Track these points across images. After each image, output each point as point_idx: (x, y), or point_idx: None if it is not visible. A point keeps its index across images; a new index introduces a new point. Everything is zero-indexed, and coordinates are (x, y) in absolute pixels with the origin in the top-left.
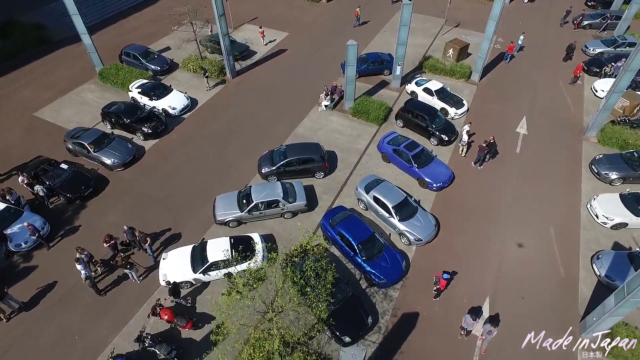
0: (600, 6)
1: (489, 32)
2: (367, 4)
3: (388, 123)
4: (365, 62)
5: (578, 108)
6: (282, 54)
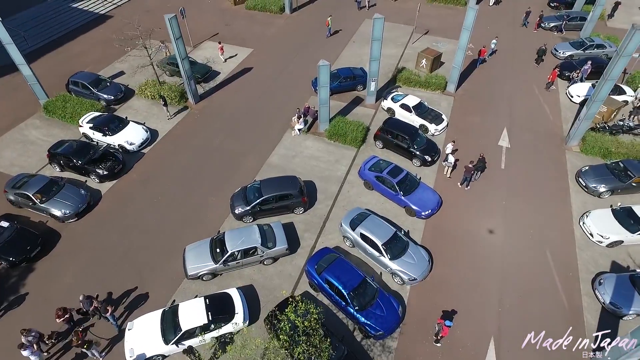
0: (563, 7)
1: (463, 43)
2: (334, 11)
3: (367, 144)
4: (337, 79)
5: (556, 115)
6: (248, 73)
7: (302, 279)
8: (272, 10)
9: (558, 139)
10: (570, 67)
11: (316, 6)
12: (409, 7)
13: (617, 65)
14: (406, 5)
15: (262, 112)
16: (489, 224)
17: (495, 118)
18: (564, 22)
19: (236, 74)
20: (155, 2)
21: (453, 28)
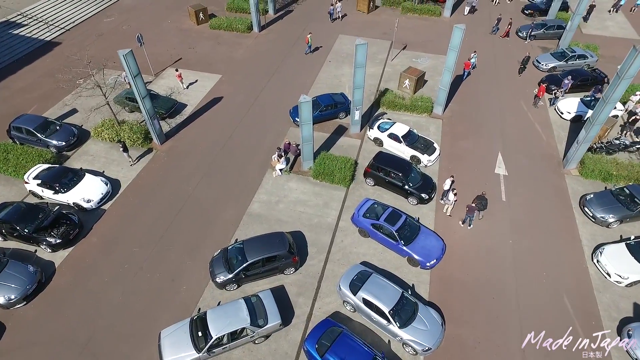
0: (537, 14)
1: (450, 63)
2: (305, 26)
3: (356, 182)
4: (317, 108)
5: (549, 135)
6: (218, 103)
7: (300, 357)
8: (239, 29)
9: (555, 161)
10: (555, 81)
11: (286, 22)
12: (382, 19)
13: (619, 87)
14: (380, 17)
15: (238, 150)
16: (499, 268)
17: (488, 142)
18: (531, 30)
19: (205, 105)
20: (109, 25)
21: (431, 41)
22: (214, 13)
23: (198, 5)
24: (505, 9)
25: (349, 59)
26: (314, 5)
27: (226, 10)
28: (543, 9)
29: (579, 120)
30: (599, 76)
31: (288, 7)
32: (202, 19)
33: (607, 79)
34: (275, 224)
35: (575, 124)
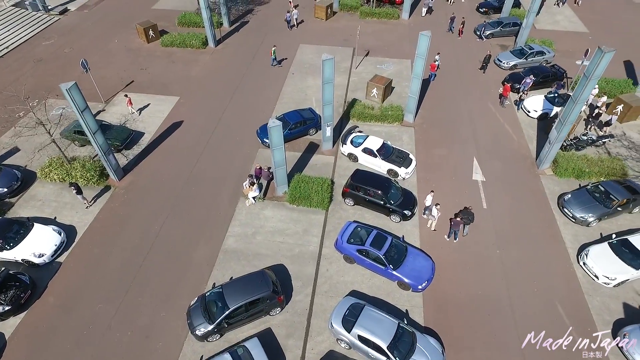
0: (491, 12)
1: (418, 71)
2: (263, 36)
3: (335, 203)
4: (286, 126)
5: (519, 135)
6: (178, 128)
7: None
8: (194, 45)
9: (528, 162)
10: (518, 79)
11: (243, 34)
12: (341, 25)
13: (587, 87)
14: (339, 23)
15: (205, 179)
16: (491, 282)
17: (462, 147)
18: (483, 29)
19: (164, 131)
20: (49, 49)
21: (393, 45)
22: (164, 29)
23: (147, 22)
24: (461, 7)
25: (312, 69)
26: (269, 14)
27: (177, 25)
28: (497, 6)
29: (545, 117)
30: (558, 72)
31: (243, 18)
32: (152, 36)
33: (566, 74)
34: (254, 259)
35: (542, 122)
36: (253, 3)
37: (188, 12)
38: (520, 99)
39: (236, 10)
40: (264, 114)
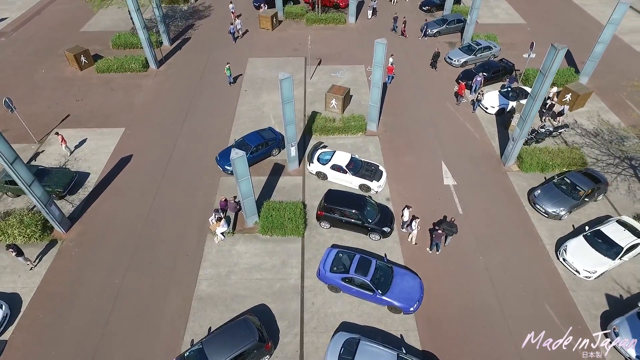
0: (434, 9)
1: (377, 80)
2: (208, 52)
3: (310, 227)
4: (247, 150)
5: (481, 132)
6: (128, 164)
7: None
8: (134, 69)
9: (494, 160)
10: (471, 76)
11: (186, 52)
12: (289, 34)
13: (544, 84)
14: (286, 32)
15: (166, 218)
16: (479, 292)
17: (428, 152)
18: (426, 28)
19: (112, 169)
20: None
21: (344, 51)
22: (98, 54)
23: (77, 47)
24: (404, 7)
25: (265, 84)
26: (211, 27)
27: (112, 47)
28: (438, 3)
29: (502, 112)
30: (507, 65)
31: (184, 35)
32: (85, 62)
33: (514, 66)
34: (232, 303)
35: (500, 117)
36: (192, 17)
37: (122, 33)
38: (477, 100)
39: (175, 27)
40: (220, 138)
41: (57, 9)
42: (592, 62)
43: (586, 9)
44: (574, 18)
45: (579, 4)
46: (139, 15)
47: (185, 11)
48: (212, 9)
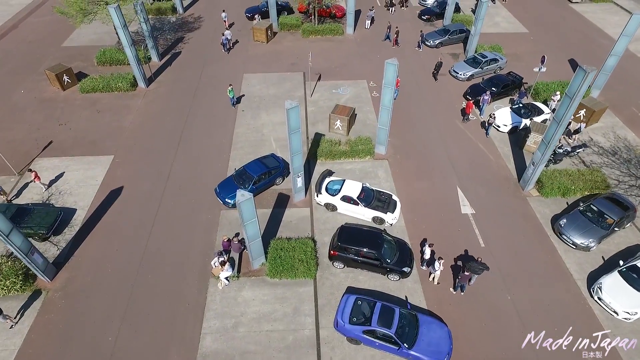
0: (434, 18)
1: (387, 102)
2: (200, 68)
3: (322, 266)
4: (249, 181)
5: (494, 153)
6: (118, 198)
7: None
8: (121, 88)
9: (512, 184)
10: (479, 91)
11: (177, 69)
12: (285, 47)
13: (570, 108)
14: (282, 45)
15: (163, 260)
16: (512, 338)
17: (442, 176)
18: (421, 39)
19: (101, 204)
20: None
21: (344, 65)
22: (82, 71)
23: (59, 66)
24: (402, 16)
25: (264, 103)
26: (202, 41)
27: (97, 64)
28: (438, 12)
29: (515, 130)
30: (516, 79)
31: (174, 49)
32: (67, 82)
33: (523, 80)
34: None
35: (513, 135)
36: (182, 30)
37: (108, 48)
38: (489, 124)
39: (164, 40)
40: (219, 165)
41: (35, 22)
42: (604, 75)
43: (587, 16)
44: (576, 26)
45: (579, 11)
46: (125, 31)
47: (174, 23)
48: (202, 20)
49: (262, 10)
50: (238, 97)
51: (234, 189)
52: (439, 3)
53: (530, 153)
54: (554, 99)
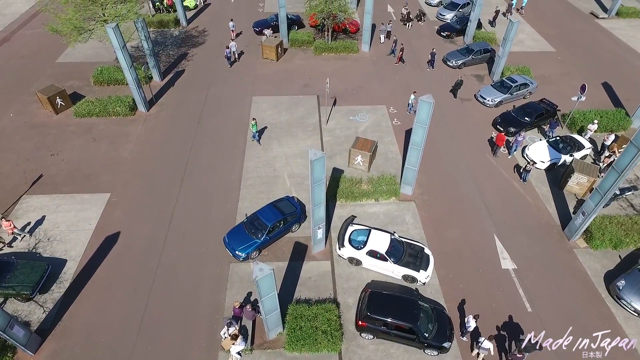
0: (454, 35)
1: (418, 140)
2: (205, 89)
3: (347, 336)
4: (263, 230)
5: (533, 195)
6: (114, 246)
7: None
8: (119, 113)
9: (555, 232)
10: (510, 120)
11: (180, 90)
12: (297, 66)
13: (636, 159)
14: (293, 64)
15: (165, 326)
16: None
17: (475, 222)
18: (432, 57)
19: (95, 253)
20: None
21: (361, 87)
22: (77, 91)
23: (52, 88)
24: (420, 31)
25: (275, 131)
26: (207, 58)
27: (94, 84)
28: (458, 28)
29: (553, 167)
30: (550, 107)
31: (177, 67)
32: (61, 104)
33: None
34: None
35: (551, 172)
36: (185, 45)
37: (105, 66)
38: (526, 170)
39: (167, 57)
40: (227, 206)
41: (29, 35)
42: None
43: (615, 32)
44: (605, 44)
45: (607, 27)
46: (124, 53)
47: (177, 37)
48: (206, 34)
49: (272, 24)
50: (261, 129)
51: (246, 239)
52: (459, 18)
53: (572, 194)
54: (590, 129)
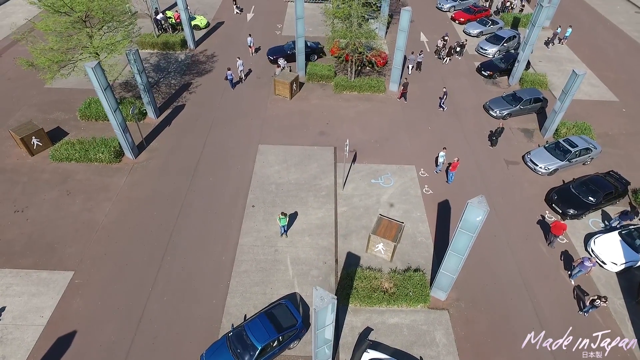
0: (497, 74)
1: (462, 247)
2: (207, 132)
3: None
4: (251, 352)
5: (601, 309)
6: (67, 351)
7: None
8: (102, 159)
9: None
10: (568, 198)
11: (177, 130)
12: (313, 106)
13: None
14: (309, 103)
15: None
16: None
17: (531, 350)
18: (445, 96)
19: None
20: None
21: (386, 138)
22: (60, 126)
23: (28, 126)
24: (457, 69)
25: (280, 195)
26: (211, 91)
27: (80, 119)
28: (503, 68)
29: (627, 270)
30: (620, 183)
31: (176, 100)
32: (38, 145)
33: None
34: None
35: (624, 276)
36: (190, 72)
37: (95, 98)
38: (594, 305)
39: (167, 87)
40: (212, 303)
41: (21, 52)
42: None
43: None
44: None
45: None
46: (107, 95)
47: (182, 62)
48: (215, 59)
49: (288, 52)
50: (287, 228)
51: None
52: (504, 56)
53: None
54: None
